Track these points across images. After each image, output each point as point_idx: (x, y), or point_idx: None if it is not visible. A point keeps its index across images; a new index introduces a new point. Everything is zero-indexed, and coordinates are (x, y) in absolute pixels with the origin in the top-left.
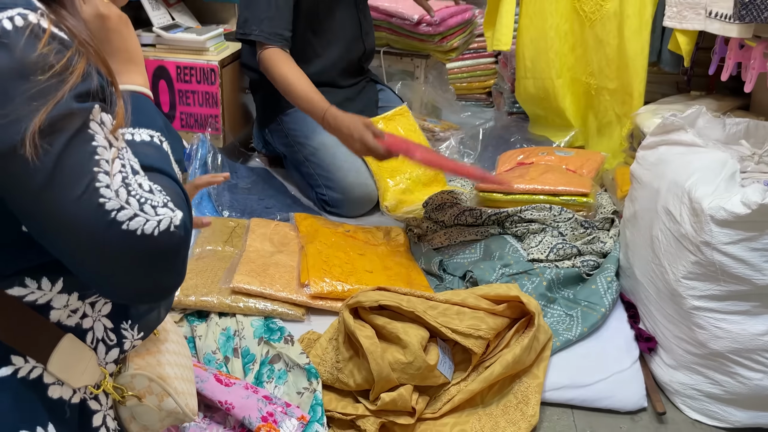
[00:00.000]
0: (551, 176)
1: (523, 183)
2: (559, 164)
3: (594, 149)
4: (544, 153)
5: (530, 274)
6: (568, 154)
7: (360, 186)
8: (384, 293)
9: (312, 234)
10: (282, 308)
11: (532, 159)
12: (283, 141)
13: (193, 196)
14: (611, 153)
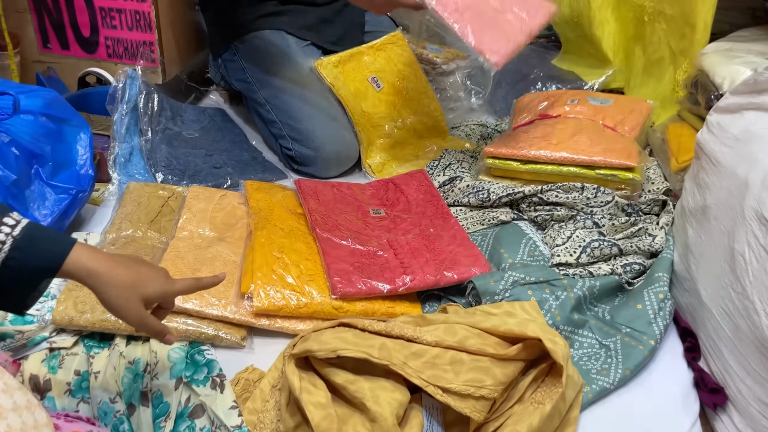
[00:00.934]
0: (585, 138)
1: (548, 148)
2: (595, 118)
3: (636, 95)
4: (574, 101)
5: (554, 286)
6: (605, 103)
7: (335, 140)
8: (347, 335)
9: (264, 213)
10: (214, 330)
11: (558, 110)
12: (239, 76)
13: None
14: (660, 101)
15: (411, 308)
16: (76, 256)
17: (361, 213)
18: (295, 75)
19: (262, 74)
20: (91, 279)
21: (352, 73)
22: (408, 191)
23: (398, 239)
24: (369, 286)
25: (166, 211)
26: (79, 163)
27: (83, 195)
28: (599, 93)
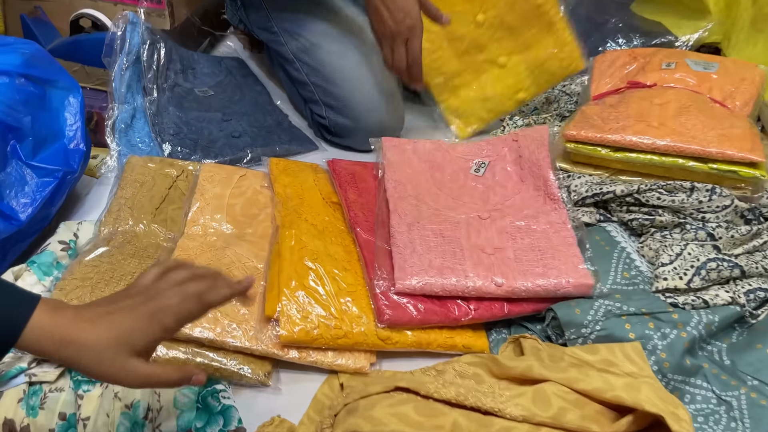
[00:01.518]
0: (695, 120)
1: (647, 133)
2: (700, 89)
3: (739, 56)
4: (671, 64)
5: (660, 320)
6: (710, 68)
7: (379, 108)
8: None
9: (293, 204)
10: (233, 363)
11: (652, 76)
12: (262, 23)
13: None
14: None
15: (474, 339)
16: (38, 325)
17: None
18: (332, 25)
19: (290, 23)
20: (60, 352)
21: None
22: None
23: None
24: (426, 311)
25: (174, 196)
26: (67, 135)
27: (73, 176)
28: (700, 54)
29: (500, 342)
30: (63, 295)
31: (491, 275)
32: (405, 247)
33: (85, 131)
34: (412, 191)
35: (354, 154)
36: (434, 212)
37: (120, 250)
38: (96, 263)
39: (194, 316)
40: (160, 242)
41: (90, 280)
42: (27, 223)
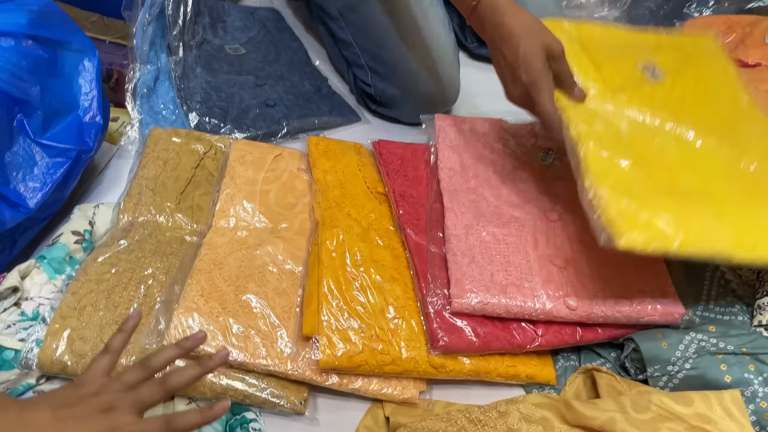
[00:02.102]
0: None
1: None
2: None
3: None
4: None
5: (763, 362)
6: None
7: (432, 77)
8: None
9: (334, 195)
10: (264, 389)
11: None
12: None
13: None
14: None
15: (540, 368)
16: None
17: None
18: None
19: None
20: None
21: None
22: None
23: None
24: (487, 336)
25: (200, 177)
26: (82, 105)
27: (88, 155)
28: None
29: (568, 370)
30: (76, 300)
31: (563, 296)
32: (463, 255)
33: (102, 101)
34: (470, 183)
35: (401, 127)
36: (495, 210)
37: (140, 245)
38: (113, 262)
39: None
40: (184, 236)
41: (106, 283)
42: (37, 210)
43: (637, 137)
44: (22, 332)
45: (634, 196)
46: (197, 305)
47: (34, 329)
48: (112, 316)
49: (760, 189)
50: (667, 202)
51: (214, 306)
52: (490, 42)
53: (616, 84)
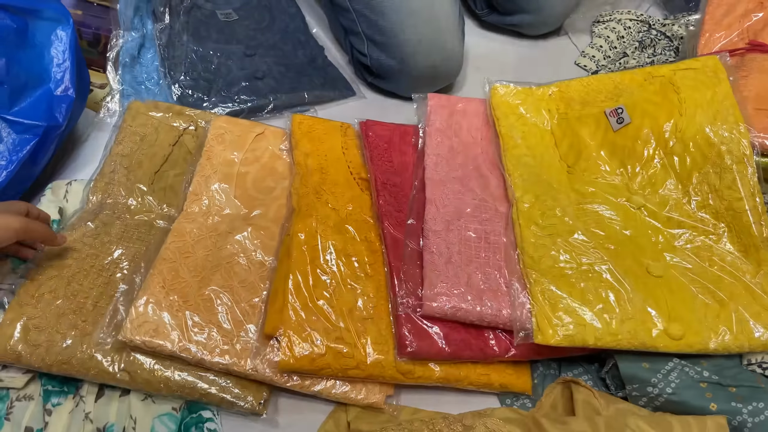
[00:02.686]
0: None
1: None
2: None
3: None
4: None
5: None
6: None
7: (434, 48)
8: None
9: (314, 181)
10: (221, 388)
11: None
12: None
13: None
14: None
15: (515, 377)
16: None
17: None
18: None
19: None
20: None
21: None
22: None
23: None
24: (459, 344)
25: (177, 156)
26: (54, 78)
27: (58, 131)
28: None
29: (547, 379)
30: (35, 287)
31: None
32: (440, 254)
33: (76, 72)
34: (457, 171)
35: (398, 103)
36: (481, 203)
37: (106, 229)
38: (77, 246)
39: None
40: (153, 220)
41: (68, 269)
42: (2, 188)
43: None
44: None
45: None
46: (157, 297)
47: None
48: (71, 306)
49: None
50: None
51: (173, 298)
52: None
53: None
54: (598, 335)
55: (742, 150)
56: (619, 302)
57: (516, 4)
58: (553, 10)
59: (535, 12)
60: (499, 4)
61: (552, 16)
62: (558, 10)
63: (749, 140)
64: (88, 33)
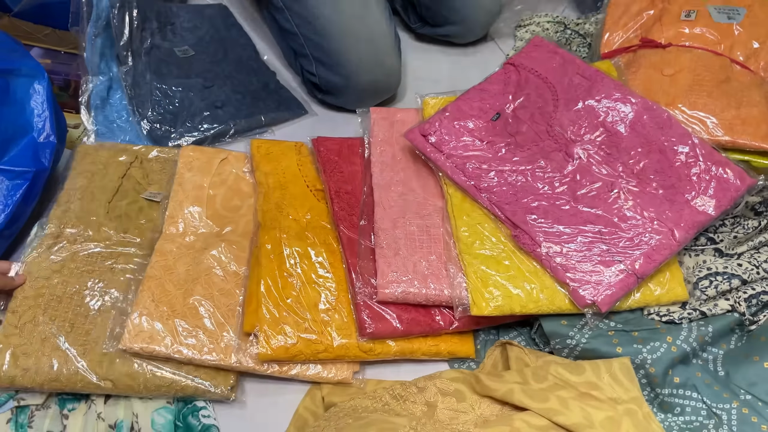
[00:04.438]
0: (708, 99)
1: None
2: (720, 48)
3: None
4: (691, 14)
5: (649, 335)
6: (735, 18)
7: (374, 65)
8: None
9: (275, 197)
10: (193, 378)
11: (668, 30)
12: None
13: None
14: None
15: (460, 345)
16: None
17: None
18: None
19: None
20: None
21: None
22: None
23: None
24: (410, 322)
25: (127, 187)
26: (36, 127)
27: (45, 174)
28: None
29: (488, 343)
30: (16, 318)
31: None
32: (389, 248)
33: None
34: (399, 175)
35: (346, 116)
36: (422, 201)
37: (71, 257)
38: (47, 275)
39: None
40: (112, 246)
41: (42, 298)
42: (1, 229)
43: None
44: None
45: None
46: (148, 309)
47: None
48: (51, 330)
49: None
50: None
51: (163, 309)
52: None
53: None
54: (522, 304)
55: None
56: (536, 275)
57: (444, 17)
58: (477, 20)
59: (461, 23)
60: (429, 17)
61: (477, 25)
62: (482, 19)
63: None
64: (59, 79)
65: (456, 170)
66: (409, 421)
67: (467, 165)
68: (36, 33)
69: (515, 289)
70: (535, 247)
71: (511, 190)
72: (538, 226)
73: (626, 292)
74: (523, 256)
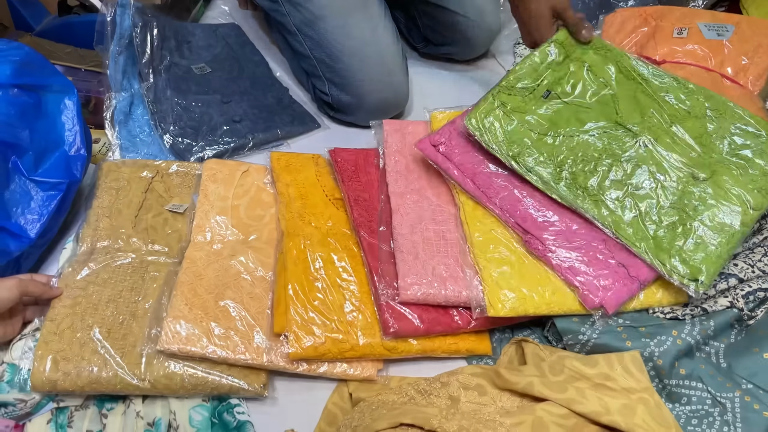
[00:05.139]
0: None
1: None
2: (711, 65)
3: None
4: (683, 31)
5: (655, 330)
6: (724, 35)
7: (384, 86)
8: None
9: (296, 206)
10: (228, 377)
11: (662, 47)
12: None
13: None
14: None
15: (478, 343)
16: None
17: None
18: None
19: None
20: None
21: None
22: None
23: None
24: (431, 322)
25: (151, 201)
26: (67, 141)
27: (77, 185)
28: (715, 14)
29: (503, 341)
30: (54, 326)
31: None
32: (408, 252)
33: (84, 133)
34: (413, 184)
35: (358, 131)
36: (436, 208)
37: (105, 268)
38: (83, 285)
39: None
40: (143, 256)
41: (79, 306)
42: (37, 238)
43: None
44: (26, 360)
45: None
46: (183, 313)
47: (27, 355)
48: (88, 335)
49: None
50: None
51: (197, 312)
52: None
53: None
54: (535, 305)
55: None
56: (548, 278)
57: (447, 37)
58: (479, 38)
59: (462, 42)
60: (432, 37)
61: (478, 43)
62: (483, 38)
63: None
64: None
65: (465, 179)
66: (439, 411)
67: (476, 173)
68: (57, 51)
69: (528, 292)
70: (546, 252)
71: (520, 196)
72: (547, 232)
73: (631, 296)
74: (535, 260)
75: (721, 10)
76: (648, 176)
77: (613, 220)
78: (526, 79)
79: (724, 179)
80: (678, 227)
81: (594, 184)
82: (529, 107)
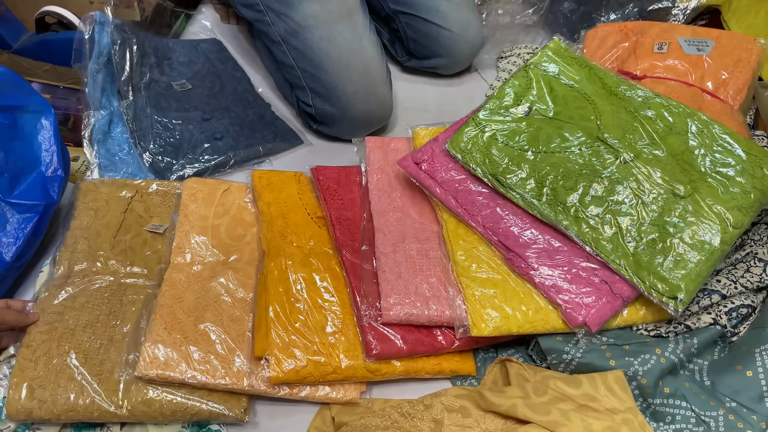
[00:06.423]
0: None
1: None
2: (692, 80)
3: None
4: (663, 46)
5: (638, 349)
6: (704, 50)
7: (367, 97)
8: None
9: (278, 226)
10: (208, 402)
11: (642, 62)
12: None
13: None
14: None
15: (461, 363)
16: None
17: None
18: (322, 6)
19: (278, 2)
20: None
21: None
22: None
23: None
24: (414, 342)
25: (130, 221)
26: (44, 161)
27: (53, 206)
28: (695, 29)
29: (488, 361)
30: (30, 352)
31: None
32: (391, 272)
33: (61, 153)
34: (396, 201)
35: (341, 146)
36: (419, 227)
37: (82, 292)
38: (59, 310)
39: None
40: (120, 279)
41: (55, 332)
42: (12, 261)
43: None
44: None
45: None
46: (162, 337)
47: (2, 383)
48: (65, 362)
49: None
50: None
51: (176, 336)
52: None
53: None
54: (519, 324)
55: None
56: (531, 297)
57: (430, 50)
58: (462, 53)
59: (446, 56)
60: (416, 51)
61: (461, 57)
62: (466, 52)
63: None
64: (58, 113)
65: (448, 196)
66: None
67: (459, 191)
68: (35, 69)
69: (512, 311)
70: (529, 270)
71: (502, 214)
72: (530, 250)
73: (614, 313)
74: (518, 278)
75: (701, 24)
76: (629, 193)
77: (593, 237)
78: (507, 100)
79: (705, 196)
80: (658, 244)
81: (574, 200)
82: (509, 125)
